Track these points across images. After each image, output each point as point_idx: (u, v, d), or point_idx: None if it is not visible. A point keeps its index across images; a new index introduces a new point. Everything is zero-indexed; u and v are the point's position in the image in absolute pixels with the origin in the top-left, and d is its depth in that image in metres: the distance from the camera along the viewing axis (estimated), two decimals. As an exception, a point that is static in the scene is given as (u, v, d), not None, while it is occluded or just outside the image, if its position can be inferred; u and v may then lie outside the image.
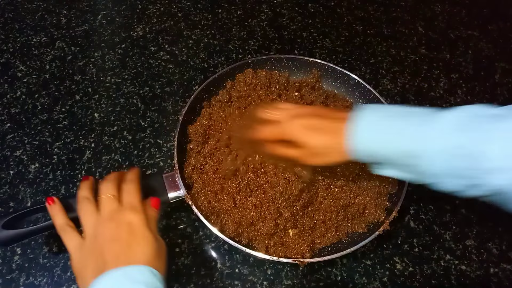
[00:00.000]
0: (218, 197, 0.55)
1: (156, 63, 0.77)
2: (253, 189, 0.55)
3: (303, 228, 0.54)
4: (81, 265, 0.41)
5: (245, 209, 0.54)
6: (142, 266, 0.39)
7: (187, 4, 0.87)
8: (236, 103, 0.64)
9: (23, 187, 0.60)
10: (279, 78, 0.67)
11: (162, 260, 0.42)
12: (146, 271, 0.38)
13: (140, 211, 0.43)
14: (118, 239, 0.40)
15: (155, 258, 0.40)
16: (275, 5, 0.89)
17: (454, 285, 0.57)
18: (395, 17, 0.90)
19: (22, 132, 0.66)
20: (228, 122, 0.61)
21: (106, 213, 0.43)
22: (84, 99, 0.70)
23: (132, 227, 0.41)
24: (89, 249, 0.41)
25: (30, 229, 0.47)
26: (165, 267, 0.42)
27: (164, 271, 0.41)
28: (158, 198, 0.48)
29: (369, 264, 0.57)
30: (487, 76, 0.81)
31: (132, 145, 0.66)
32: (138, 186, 0.47)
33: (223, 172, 0.56)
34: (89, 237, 0.42)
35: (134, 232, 0.41)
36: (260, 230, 0.53)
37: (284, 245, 0.53)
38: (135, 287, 0.36)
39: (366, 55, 0.82)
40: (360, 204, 0.56)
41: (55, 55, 0.76)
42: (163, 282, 0.39)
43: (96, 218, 0.43)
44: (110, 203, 0.44)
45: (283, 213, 0.53)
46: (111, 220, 0.42)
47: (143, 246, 0.40)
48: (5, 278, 0.52)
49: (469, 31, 0.89)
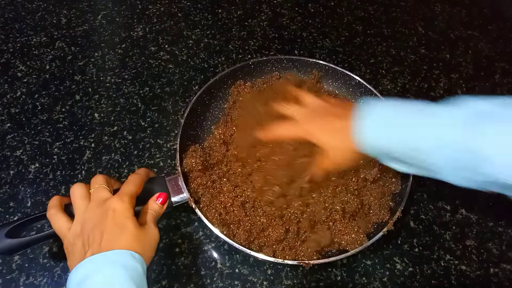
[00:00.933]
0: (227, 209, 0.54)
1: (156, 63, 0.77)
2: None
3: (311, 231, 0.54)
4: (71, 248, 0.43)
5: (256, 216, 0.54)
6: (122, 250, 0.40)
7: (187, 4, 0.87)
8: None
9: (23, 187, 0.60)
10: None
11: (147, 246, 0.44)
12: (126, 254, 0.40)
13: (125, 200, 0.44)
14: (102, 225, 0.42)
15: (136, 243, 0.42)
16: (275, 5, 0.89)
17: (454, 285, 0.57)
18: (395, 17, 0.90)
19: (22, 132, 0.66)
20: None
21: (95, 199, 0.45)
22: (84, 99, 0.70)
23: (115, 214, 0.43)
24: (77, 233, 0.43)
25: (33, 237, 0.47)
26: (152, 254, 0.44)
27: (148, 257, 0.43)
28: (165, 193, 0.50)
29: (369, 264, 0.57)
30: (487, 76, 0.81)
31: (132, 145, 0.66)
32: (142, 179, 0.49)
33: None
34: (78, 221, 0.44)
35: (115, 218, 0.43)
36: (269, 236, 0.53)
37: (292, 249, 0.53)
38: (113, 268, 0.39)
39: (366, 55, 0.82)
40: (365, 205, 0.56)
41: (55, 55, 0.76)
42: (144, 265, 0.41)
43: (87, 204, 0.45)
44: (100, 191, 0.46)
45: (291, 218, 0.54)
46: (98, 207, 0.44)
47: (124, 232, 0.42)
48: (5, 278, 0.52)
49: (469, 31, 0.89)
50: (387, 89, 0.77)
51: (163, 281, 0.53)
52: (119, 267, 0.39)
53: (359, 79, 0.67)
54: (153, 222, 0.47)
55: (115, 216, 0.43)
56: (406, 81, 0.79)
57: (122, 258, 0.40)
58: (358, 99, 0.69)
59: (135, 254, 0.41)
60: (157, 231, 0.46)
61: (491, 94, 0.78)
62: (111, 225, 0.42)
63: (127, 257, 0.40)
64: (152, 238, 0.45)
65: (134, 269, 0.39)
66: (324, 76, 0.70)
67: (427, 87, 0.79)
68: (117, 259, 0.40)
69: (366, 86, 0.66)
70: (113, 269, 0.39)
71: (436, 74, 0.81)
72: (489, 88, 0.79)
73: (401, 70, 0.81)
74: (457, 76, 0.81)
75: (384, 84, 0.78)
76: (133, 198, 0.46)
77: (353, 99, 0.69)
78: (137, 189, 0.47)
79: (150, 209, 0.48)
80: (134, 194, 0.46)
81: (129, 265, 0.40)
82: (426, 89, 0.78)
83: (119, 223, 0.42)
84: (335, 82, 0.70)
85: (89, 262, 0.39)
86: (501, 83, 0.80)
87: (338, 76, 0.69)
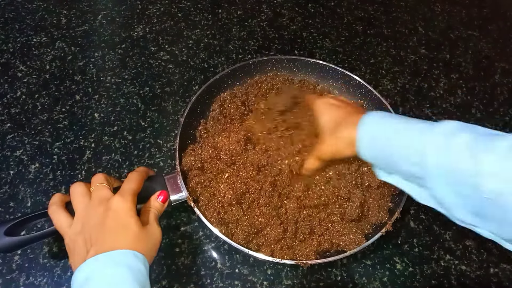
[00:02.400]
0: (226, 209, 0.54)
1: (156, 63, 0.77)
2: (263, 195, 0.55)
3: (309, 231, 0.54)
4: (72, 245, 0.43)
5: (254, 216, 0.54)
6: (126, 250, 0.40)
7: (187, 4, 0.87)
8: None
9: (23, 187, 0.60)
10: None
11: (150, 245, 0.44)
12: (129, 254, 0.40)
13: (128, 200, 0.44)
14: (104, 224, 0.42)
15: (139, 243, 0.42)
16: (275, 5, 0.89)
17: (454, 285, 0.57)
18: (395, 17, 0.90)
19: (22, 132, 0.66)
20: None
21: (96, 198, 0.45)
22: (84, 99, 0.70)
23: (117, 213, 0.43)
24: (78, 231, 0.43)
25: (33, 235, 0.47)
26: (154, 254, 0.44)
27: (151, 256, 0.43)
28: (166, 191, 0.50)
29: (369, 264, 0.57)
30: (487, 76, 0.81)
31: (132, 145, 0.66)
32: (142, 177, 0.49)
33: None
34: (79, 219, 0.44)
35: (118, 218, 0.43)
36: (267, 235, 0.53)
37: (290, 248, 0.53)
38: (118, 269, 0.38)
39: (366, 55, 0.82)
40: (364, 206, 0.56)
41: (55, 55, 0.76)
42: (147, 264, 0.41)
43: (87, 201, 0.45)
44: (101, 189, 0.45)
45: (289, 218, 0.54)
46: (100, 205, 0.44)
47: (128, 232, 0.42)
48: (5, 278, 0.52)
49: (469, 31, 0.89)
50: (387, 89, 0.77)
51: (163, 281, 0.53)
52: (123, 267, 0.39)
53: (359, 79, 0.67)
54: (155, 220, 0.47)
55: (118, 215, 0.43)
56: (406, 81, 0.79)
57: (126, 259, 0.40)
58: (358, 99, 0.69)
59: (138, 254, 0.41)
60: (159, 230, 0.46)
61: (491, 94, 0.78)
62: (114, 225, 0.42)
63: (131, 257, 0.40)
64: (155, 237, 0.45)
65: (138, 269, 0.39)
66: (324, 76, 0.70)
67: (427, 87, 0.79)
68: (121, 260, 0.39)
69: (366, 87, 0.66)
70: (117, 270, 0.38)
71: (436, 74, 0.81)
72: (489, 88, 0.79)
73: (401, 70, 0.81)
74: (457, 76, 0.81)
75: (384, 84, 0.78)
76: (135, 197, 0.46)
77: (353, 99, 0.69)
78: (138, 187, 0.47)
79: (152, 208, 0.48)
80: (135, 193, 0.46)
81: (133, 265, 0.39)
82: (426, 89, 0.78)
83: (122, 223, 0.42)
84: (335, 83, 0.70)
85: (93, 262, 0.39)
86: (501, 83, 0.80)
87: (339, 77, 0.69)
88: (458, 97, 0.78)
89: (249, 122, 0.62)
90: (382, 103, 0.65)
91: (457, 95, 0.78)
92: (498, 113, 0.76)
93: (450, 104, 0.76)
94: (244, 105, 0.65)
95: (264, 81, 0.68)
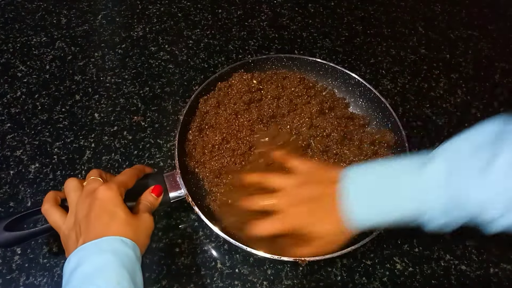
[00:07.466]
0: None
1: (156, 63, 0.77)
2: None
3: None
4: (66, 240, 0.44)
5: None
6: (112, 236, 0.40)
7: (187, 4, 0.87)
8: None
9: (23, 187, 0.60)
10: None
11: (139, 232, 0.43)
12: (116, 240, 0.40)
13: (113, 188, 0.44)
14: (90, 214, 0.42)
15: (128, 229, 0.42)
16: (275, 5, 0.89)
17: (454, 285, 0.56)
18: (395, 17, 0.90)
19: (22, 132, 0.66)
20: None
21: (85, 190, 0.45)
22: (84, 99, 0.70)
23: (103, 201, 0.43)
24: (71, 226, 0.44)
25: (32, 231, 0.47)
26: (146, 241, 0.44)
27: (143, 243, 0.44)
28: (160, 186, 0.50)
29: (369, 264, 0.57)
30: (487, 76, 0.81)
31: (132, 145, 0.66)
32: (135, 173, 0.50)
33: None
34: (72, 214, 0.44)
35: (103, 206, 0.43)
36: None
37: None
38: (102, 255, 0.38)
39: (366, 55, 0.82)
40: None
41: (55, 55, 0.76)
42: (137, 250, 0.41)
43: (79, 195, 0.45)
44: (92, 183, 0.46)
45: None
46: (88, 197, 0.44)
47: (114, 219, 0.42)
48: (5, 278, 0.52)
49: (469, 31, 0.89)
50: (387, 89, 0.77)
51: (163, 281, 0.53)
52: (109, 253, 0.39)
53: (358, 78, 0.67)
54: (147, 211, 0.47)
55: (103, 203, 0.43)
56: (406, 81, 0.79)
57: (112, 245, 0.40)
58: (357, 98, 0.69)
59: (126, 240, 0.41)
60: (151, 219, 0.46)
61: (491, 94, 0.78)
62: (100, 213, 0.42)
63: (117, 243, 0.40)
64: (145, 225, 0.45)
65: (125, 254, 0.39)
66: (324, 75, 0.70)
67: (427, 87, 0.79)
68: (107, 246, 0.39)
69: (365, 85, 0.66)
70: (102, 256, 0.38)
71: (436, 74, 0.81)
72: (489, 88, 0.79)
73: (401, 70, 0.81)
74: (457, 76, 0.81)
75: (384, 84, 0.78)
76: (122, 187, 0.45)
77: (352, 98, 0.69)
78: (128, 181, 0.47)
79: (144, 200, 0.48)
80: (124, 185, 0.46)
81: (120, 250, 0.39)
82: (426, 89, 0.78)
83: (108, 210, 0.42)
84: (335, 81, 0.70)
85: (80, 251, 0.40)
86: (501, 83, 0.80)
87: (338, 75, 0.69)
88: (458, 97, 0.78)
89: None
90: (381, 103, 0.65)
91: (457, 95, 0.78)
92: (498, 113, 0.76)
93: (450, 104, 0.76)
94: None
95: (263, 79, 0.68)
